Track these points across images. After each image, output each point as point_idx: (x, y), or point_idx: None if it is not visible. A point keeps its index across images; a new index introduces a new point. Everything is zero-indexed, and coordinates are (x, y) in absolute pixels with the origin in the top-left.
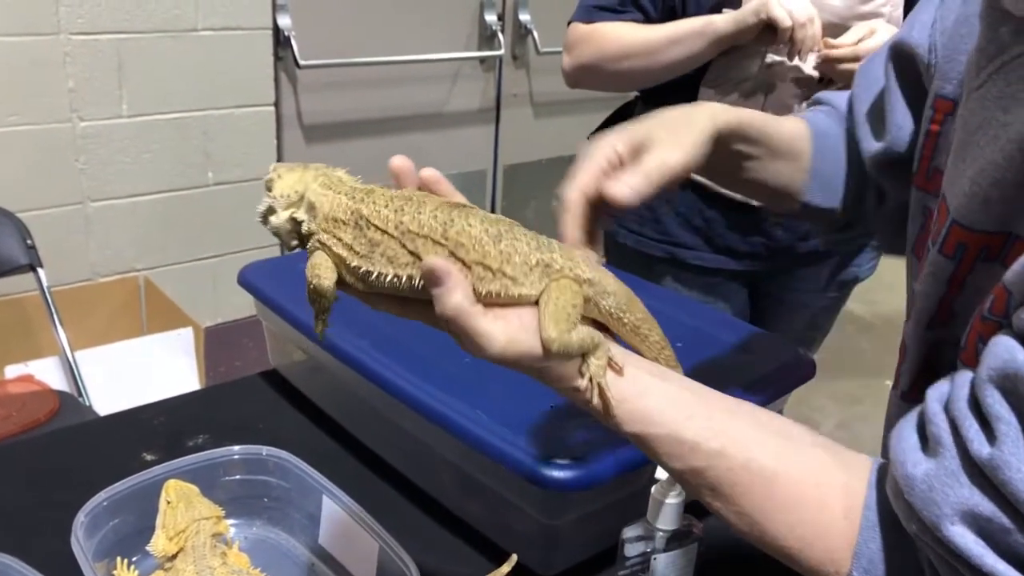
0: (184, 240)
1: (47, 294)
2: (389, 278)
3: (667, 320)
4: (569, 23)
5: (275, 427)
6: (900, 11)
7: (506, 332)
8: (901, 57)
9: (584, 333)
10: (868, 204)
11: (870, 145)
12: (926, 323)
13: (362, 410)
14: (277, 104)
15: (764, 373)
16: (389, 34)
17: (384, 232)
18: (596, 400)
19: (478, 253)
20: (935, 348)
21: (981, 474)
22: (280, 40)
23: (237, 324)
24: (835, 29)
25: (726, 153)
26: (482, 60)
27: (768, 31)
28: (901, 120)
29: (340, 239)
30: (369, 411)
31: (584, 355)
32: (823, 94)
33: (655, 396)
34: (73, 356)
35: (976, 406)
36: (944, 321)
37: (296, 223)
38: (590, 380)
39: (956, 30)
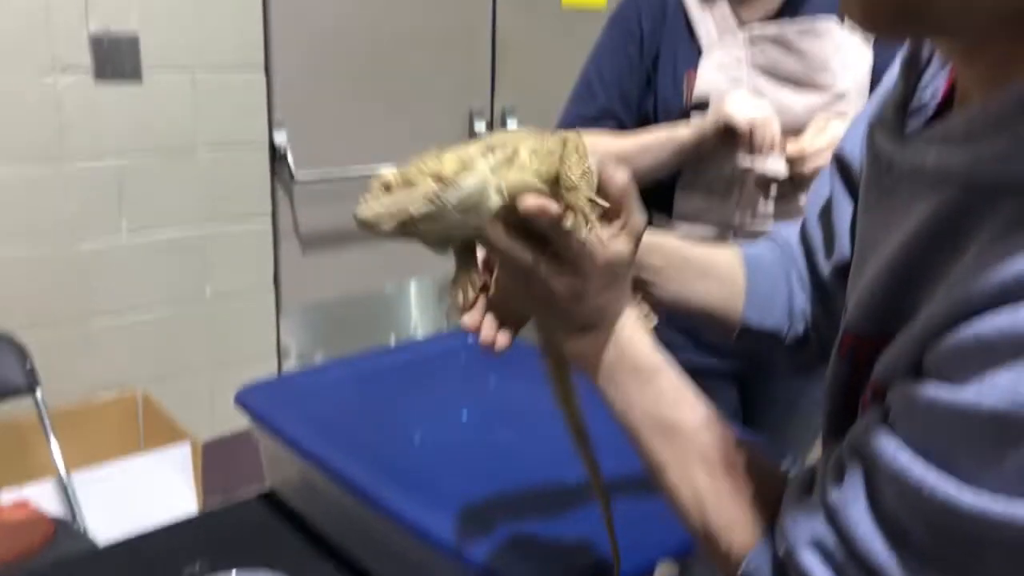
0: (182, 354)
1: (44, 415)
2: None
3: None
4: (557, 126)
5: (273, 550)
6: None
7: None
8: (843, 168)
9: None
10: (828, 328)
11: (824, 265)
12: (839, 418)
13: (360, 532)
14: (274, 217)
15: None
16: (382, 144)
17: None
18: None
19: None
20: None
21: (829, 514)
22: (276, 155)
23: (235, 437)
24: (798, 134)
25: (641, 266)
26: None
27: (730, 135)
28: (848, 231)
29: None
30: (366, 534)
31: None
32: (773, 228)
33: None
34: (69, 478)
35: (838, 460)
36: (853, 414)
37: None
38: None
39: None
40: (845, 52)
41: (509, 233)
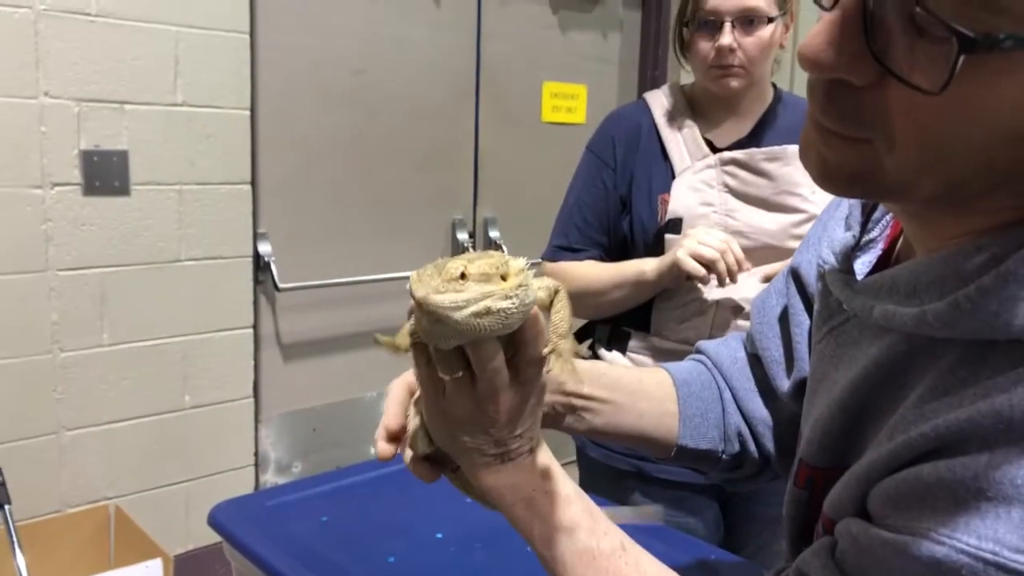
0: (157, 465)
1: (13, 533)
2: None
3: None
4: (541, 258)
5: None
6: None
7: None
8: (799, 283)
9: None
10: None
11: (782, 380)
12: (799, 543)
13: None
14: (255, 326)
15: None
16: (365, 255)
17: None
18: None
19: None
20: None
21: None
22: (260, 265)
23: (208, 550)
24: (772, 252)
25: (575, 394)
26: None
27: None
28: (807, 348)
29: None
30: None
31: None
32: (700, 344)
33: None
34: None
35: None
36: (810, 540)
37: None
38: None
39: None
40: None
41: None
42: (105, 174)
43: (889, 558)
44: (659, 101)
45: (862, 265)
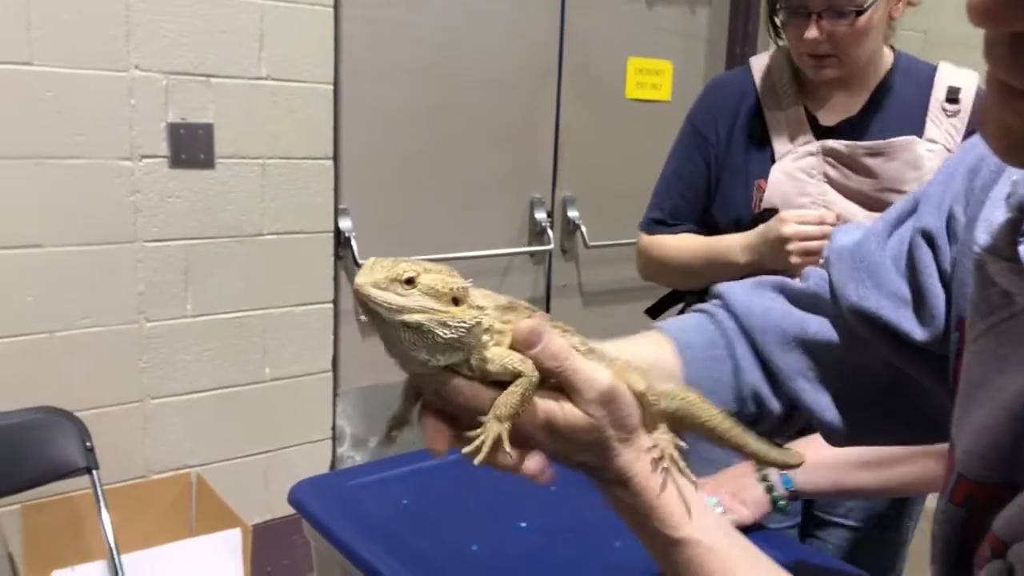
0: (238, 436)
1: (100, 497)
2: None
3: None
4: (638, 228)
5: None
6: None
7: (612, 373)
8: (932, 245)
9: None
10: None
11: (915, 331)
12: (952, 567)
13: None
14: (335, 301)
15: None
16: (443, 232)
17: (533, 311)
18: (659, 471)
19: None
20: None
21: None
22: (341, 241)
23: (287, 520)
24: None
25: None
26: (532, 254)
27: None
28: (939, 309)
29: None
30: None
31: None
32: (722, 289)
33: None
34: (120, 561)
35: None
36: (967, 563)
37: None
38: (662, 453)
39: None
40: (924, 167)
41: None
42: (191, 147)
43: None
44: (763, 69)
45: None
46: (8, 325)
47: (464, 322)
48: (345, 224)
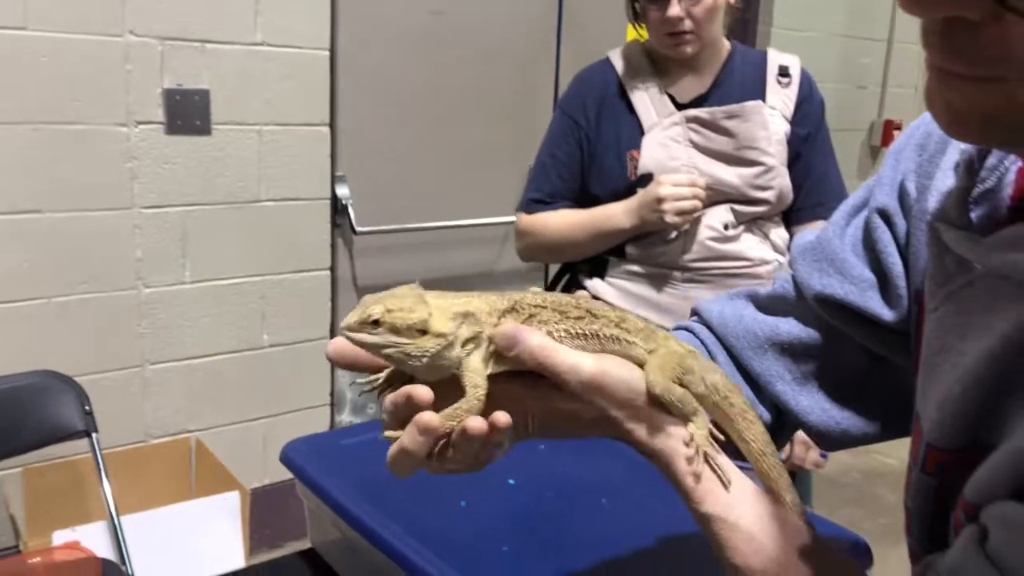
0: (236, 401)
1: (100, 460)
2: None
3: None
4: (516, 211)
5: None
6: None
7: (596, 360)
8: (889, 222)
9: (684, 393)
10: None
11: (883, 312)
12: (926, 536)
13: None
14: (333, 268)
15: None
16: (442, 201)
17: (542, 307)
18: (695, 467)
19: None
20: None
21: None
22: (338, 208)
23: (285, 485)
24: (735, 201)
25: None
26: None
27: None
28: (904, 288)
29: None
30: None
31: (684, 419)
32: (698, 306)
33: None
34: (119, 522)
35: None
36: (942, 531)
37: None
38: (696, 449)
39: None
40: (771, 128)
41: None
42: (187, 113)
43: None
44: (622, 59)
45: (980, 215)
46: (5, 291)
47: (428, 350)
48: (342, 191)
